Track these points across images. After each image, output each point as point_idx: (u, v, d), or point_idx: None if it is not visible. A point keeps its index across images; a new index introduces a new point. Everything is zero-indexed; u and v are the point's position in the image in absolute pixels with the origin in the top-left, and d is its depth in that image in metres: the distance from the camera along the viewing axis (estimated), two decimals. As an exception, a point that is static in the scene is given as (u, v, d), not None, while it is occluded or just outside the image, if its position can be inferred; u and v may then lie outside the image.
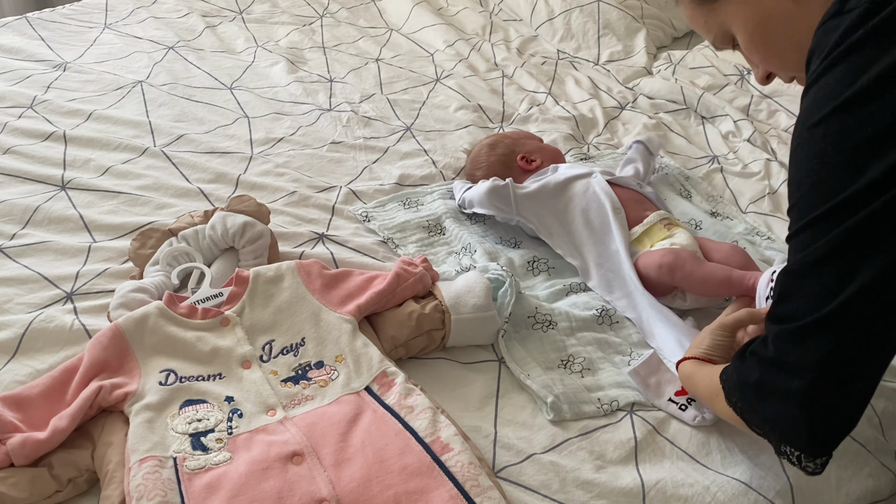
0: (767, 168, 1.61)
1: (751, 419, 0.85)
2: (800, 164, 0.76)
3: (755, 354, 0.82)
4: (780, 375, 0.78)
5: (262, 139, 1.62)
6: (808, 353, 0.75)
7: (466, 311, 1.12)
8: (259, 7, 2.24)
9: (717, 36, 0.99)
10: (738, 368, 0.85)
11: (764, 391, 0.80)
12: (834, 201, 0.72)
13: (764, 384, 0.80)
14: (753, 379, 0.81)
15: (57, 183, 1.41)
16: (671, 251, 1.22)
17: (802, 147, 0.75)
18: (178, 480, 0.88)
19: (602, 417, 1.05)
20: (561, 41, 2.13)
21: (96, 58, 1.89)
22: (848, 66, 0.72)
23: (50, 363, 1.05)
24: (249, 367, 1.03)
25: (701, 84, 1.89)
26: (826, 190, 0.73)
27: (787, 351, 0.77)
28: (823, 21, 0.77)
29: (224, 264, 1.21)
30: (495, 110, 1.81)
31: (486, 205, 1.34)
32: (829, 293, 0.73)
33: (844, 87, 0.71)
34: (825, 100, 0.73)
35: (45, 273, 1.20)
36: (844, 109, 0.71)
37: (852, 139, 0.71)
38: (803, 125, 0.76)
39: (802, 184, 0.75)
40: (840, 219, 0.72)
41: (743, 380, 0.83)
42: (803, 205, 0.76)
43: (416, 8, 2.25)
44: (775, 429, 0.81)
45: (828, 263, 0.73)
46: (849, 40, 0.72)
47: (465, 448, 0.92)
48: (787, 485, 0.98)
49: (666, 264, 1.20)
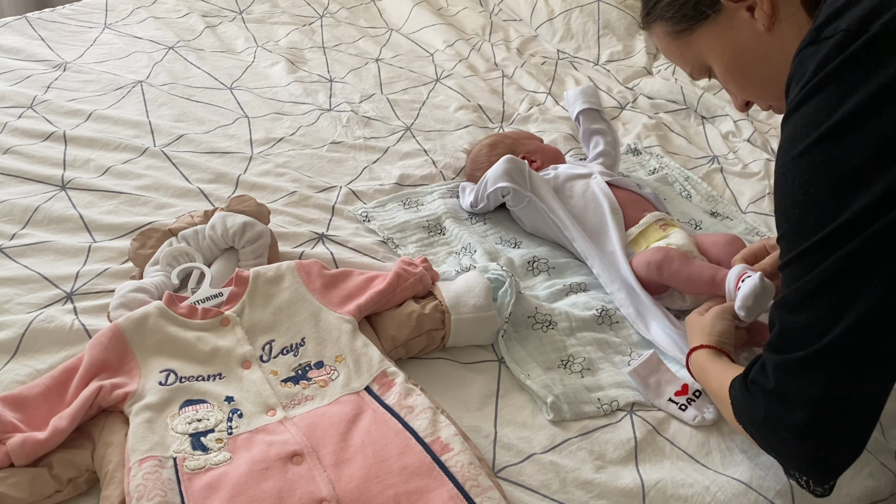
0: (767, 168, 1.61)
1: (759, 443, 0.86)
2: (785, 194, 0.76)
3: (757, 384, 0.83)
4: (783, 408, 0.78)
5: (262, 139, 1.62)
6: (808, 385, 0.76)
7: (466, 311, 1.12)
8: (259, 7, 2.24)
9: (694, 68, 1.00)
10: (744, 399, 0.86)
11: (768, 425, 0.81)
12: (822, 233, 0.72)
13: (769, 418, 0.81)
14: (759, 416, 0.82)
15: (57, 183, 1.41)
16: (661, 249, 1.22)
17: (787, 177, 0.76)
18: (178, 480, 0.88)
19: (602, 417, 1.05)
20: (561, 41, 2.13)
21: (96, 58, 1.89)
22: (827, 95, 0.72)
23: (50, 363, 1.05)
24: (249, 367, 1.03)
25: (701, 84, 1.89)
26: (814, 221, 0.73)
27: (787, 382, 0.78)
28: (800, 49, 0.77)
29: (224, 264, 1.21)
30: (495, 110, 1.81)
31: (503, 176, 1.35)
32: (825, 325, 0.73)
33: (825, 117, 0.72)
34: (806, 128, 0.73)
35: (45, 273, 1.20)
36: (826, 140, 0.71)
37: (835, 170, 0.71)
38: (787, 154, 0.76)
39: (790, 214, 0.76)
40: (829, 250, 0.72)
41: (750, 415, 0.85)
42: (792, 236, 0.76)
43: (416, 8, 2.25)
44: (781, 458, 0.83)
45: (821, 296, 0.74)
46: (826, 69, 0.72)
47: (465, 448, 0.92)
48: (786, 485, 0.98)
49: (654, 262, 1.21)
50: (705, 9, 0.92)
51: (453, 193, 1.49)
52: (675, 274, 1.19)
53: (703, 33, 0.94)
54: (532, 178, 1.36)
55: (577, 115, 1.55)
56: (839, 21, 0.73)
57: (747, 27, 0.89)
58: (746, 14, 0.88)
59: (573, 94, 1.56)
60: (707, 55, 0.96)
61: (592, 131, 1.53)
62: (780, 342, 0.79)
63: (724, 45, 0.92)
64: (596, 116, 1.54)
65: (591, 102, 1.54)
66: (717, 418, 1.05)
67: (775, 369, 0.79)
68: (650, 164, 1.63)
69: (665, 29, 0.98)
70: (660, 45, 1.02)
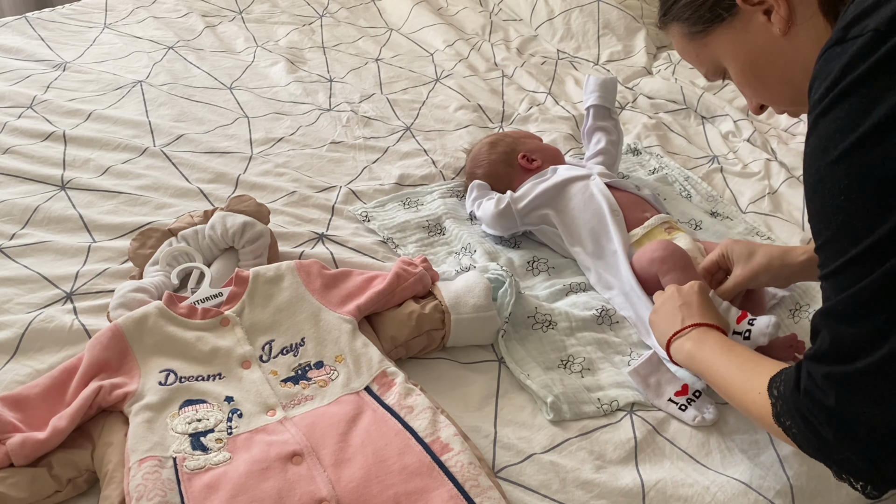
0: (767, 168, 1.61)
1: (807, 450, 0.82)
2: (825, 201, 0.74)
3: (812, 397, 0.78)
4: (845, 428, 0.76)
5: (262, 139, 1.62)
6: (872, 402, 0.73)
7: (466, 311, 1.12)
8: (259, 7, 2.24)
9: (710, 69, 0.99)
10: (797, 410, 0.81)
11: (827, 441, 0.78)
12: (869, 241, 0.70)
13: (828, 432, 0.77)
14: (822, 437, 0.78)
15: (56, 183, 1.41)
16: (666, 245, 1.21)
17: (824, 183, 0.74)
18: (178, 480, 0.88)
19: (602, 417, 1.05)
20: (561, 41, 2.13)
21: (96, 58, 1.89)
22: (858, 98, 0.70)
23: (50, 363, 1.05)
24: (249, 367, 1.03)
25: (701, 84, 1.89)
26: (859, 228, 0.71)
27: (848, 399, 0.75)
28: (825, 49, 0.76)
29: (224, 264, 1.21)
30: (495, 110, 1.81)
31: (496, 228, 1.36)
32: (881, 335, 0.71)
33: (859, 121, 0.70)
34: (840, 134, 0.72)
35: (45, 273, 1.20)
36: (863, 145, 0.70)
37: (877, 174, 0.69)
38: (821, 160, 0.74)
39: (831, 222, 0.74)
40: (879, 258, 0.70)
41: (810, 428, 0.80)
42: (837, 244, 0.74)
43: (416, 8, 2.25)
44: (841, 469, 0.80)
45: (875, 304, 0.71)
46: (857, 71, 0.70)
47: (464, 448, 0.92)
48: (786, 485, 0.98)
49: (658, 258, 1.20)
50: (722, 11, 0.91)
51: (453, 193, 1.49)
52: (669, 272, 1.18)
53: (719, 35, 0.93)
54: (520, 215, 1.35)
55: (588, 108, 1.54)
56: (867, 21, 0.72)
57: (763, 31, 0.88)
58: (763, 17, 0.87)
59: (593, 83, 1.52)
60: (722, 57, 0.95)
61: (597, 128, 1.51)
62: (833, 353, 0.76)
63: (740, 48, 0.92)
64: (605, 114, 1.52)
65: (606, 99, 1.52)
66: (717, 419, 1.05)
67: (831, 382, 0.76)
68: (650, 164, 1.63)
69: (681, 30, 0.98)
70: (676, 45, 1.02)
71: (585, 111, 1.54)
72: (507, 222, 1.35)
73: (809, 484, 0.99)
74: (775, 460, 1.00)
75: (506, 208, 1.35)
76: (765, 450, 1.02)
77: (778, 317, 1.25)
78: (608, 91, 1.52)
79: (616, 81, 1.55)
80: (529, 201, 1.35)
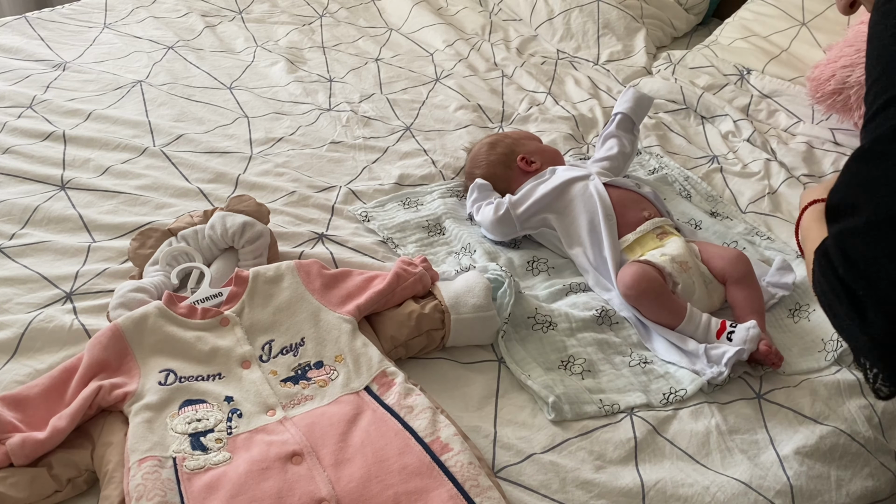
0: (767, 168, 1.61)
1: (830, 321, 0.80)
2: (873, 42, 0.74)
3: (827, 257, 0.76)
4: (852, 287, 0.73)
5: (262, 139, 1.62)
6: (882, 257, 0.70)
7: (466, 311, 1.12)
8: (258, 7, 2.24)
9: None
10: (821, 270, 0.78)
11: (835, 308, 0.75)
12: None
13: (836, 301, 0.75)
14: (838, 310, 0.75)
15: (56, 183, 1.41)
16: (635, 280, 1.19)
17: (878, 26, 0.74)
18: (178, 480, 0.88)
19: (602, 417, 1.05)
20: (561, 41, 2.13)
21: (96, 57, 1.89)
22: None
23: (49, 363, 1.05)
24: (249, 367, 1.03)
25: (701, 84, 1.89)
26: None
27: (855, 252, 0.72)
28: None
29: (223, 264, 1.21)
30: (495, 110, 1.81)
31: (496, 234, 1.36)
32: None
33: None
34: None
35: (45, 273, 1.20)
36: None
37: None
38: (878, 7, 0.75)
39: (878, 61, 0.74)
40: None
41: (832, 308, 0.77)
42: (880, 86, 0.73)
43: (416, 8, 2.25)
44: (849, 342, 0.77)
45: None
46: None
47: (464, 448, 0.92)
48: (786, 485, 0.98)
49: (630, 295, 1.19)
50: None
51: (453, 193, 1.49)
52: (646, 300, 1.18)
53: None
54: (519, 220, 1.35)
55: (616, 114, 1.53)
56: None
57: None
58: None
59: (630, 95, 1.53)
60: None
61: (616, 135, 1.51)
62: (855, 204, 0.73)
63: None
64: (630, 126, 1.52)
65: (636, 113, 1.52)
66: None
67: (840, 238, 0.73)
68: (650, 164, 1.63)
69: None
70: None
71: (612, 116, 1.54)
72: (506, 228, 1.35)
73: (809, 484, 0.99)
74: (775, 460, 1.00)
75: (505, 214, 1.34)
76: (765, 450, 1.02)
77: (777, 317, 1.25)
78: (641, 107, 1.53)
79: (651, 101, 1.56)
80: (529, 206, 1.35)
